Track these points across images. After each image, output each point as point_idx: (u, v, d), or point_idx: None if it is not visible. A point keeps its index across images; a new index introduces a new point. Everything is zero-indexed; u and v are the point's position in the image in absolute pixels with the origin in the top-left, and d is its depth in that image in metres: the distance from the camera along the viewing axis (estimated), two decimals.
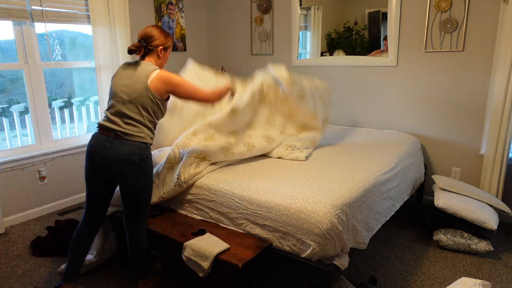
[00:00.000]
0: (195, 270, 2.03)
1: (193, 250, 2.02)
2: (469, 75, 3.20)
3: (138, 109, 2.05)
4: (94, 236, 2.34)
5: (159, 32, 2.15)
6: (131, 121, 2.04)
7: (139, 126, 2.06)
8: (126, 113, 2.04)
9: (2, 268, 2.65)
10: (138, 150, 2.05)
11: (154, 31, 2.14)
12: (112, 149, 2.02)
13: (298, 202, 2.01)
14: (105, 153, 2.03)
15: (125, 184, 2.09)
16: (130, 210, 2.16)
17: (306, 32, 4.07)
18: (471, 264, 2.67)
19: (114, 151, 2.02)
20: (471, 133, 3.28)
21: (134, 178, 2.07)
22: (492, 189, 3.15)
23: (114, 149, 2.02)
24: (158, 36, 2.13)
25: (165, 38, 2.17)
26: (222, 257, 1.94)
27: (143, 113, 2.06)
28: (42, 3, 3.23)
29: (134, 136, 2.04)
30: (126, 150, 2.02)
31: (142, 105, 2.04)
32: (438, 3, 3.19)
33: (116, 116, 2.06)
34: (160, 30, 2.16)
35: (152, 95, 2.04)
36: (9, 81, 3.48)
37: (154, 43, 2.12)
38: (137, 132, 2.05)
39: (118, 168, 2.05)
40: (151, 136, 2.13)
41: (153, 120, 2.12)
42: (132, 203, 2.14)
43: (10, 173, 3.25)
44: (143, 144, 2.07)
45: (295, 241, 2.00)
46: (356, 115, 3.87)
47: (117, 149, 2.02)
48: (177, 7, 4.35)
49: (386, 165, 2.63)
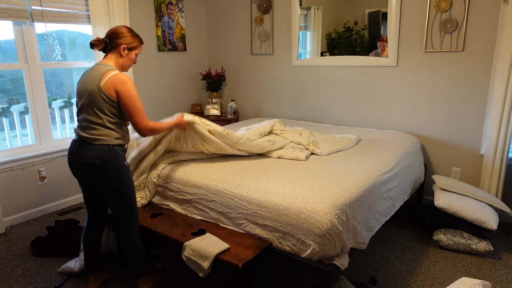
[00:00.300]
0: (195, 270, 2.03)
1: (193, 250, 2.02)
2: (469, 75, 3.20)
3: (95, 111, 2.03)
4: (101, 232, 2.38)
5: (127, 31, 2.14)
6: (92, 125, 2.04)
7: (100, 129, 2.05)
8: (86, 118, 2.05)
9: (2, 268, 2.65)
10: (100, 153, 2.04)
11: (122, 29, 2.13)
12: (79, 154, 2.07)
13: (298, 202, 2.01)
14: (76, 158, 2.08)
15: (100, 187, 2.14)
16: (114, 211, 2.21)
17: (306, 32, 4.07)
18: (471, 264, 2.67)
19: (80, 155, 2.06)
20: (471, 133, 3.28)
21: (104, 181, 2.09)
22: (492, 189, 3.15)
23: (80, 154, 2.06)
24: (124, 35, 2.12)
25: (131, 38, 2.14)
26: (222, 257, 1.94)
27: (101, 115, 2.03)
28: (42, 3, 3.23)
29: (96, 140, 2.05)
30: (88, 154, 2.04)
31: (98, 107, 2.02)
32: (438, 3, 3.19)
33: (80, 121, 2.09)
34: (128, 30, 2.15)
35: (105, 95, 2.00)
36: (9, 81, 3.47)
37: (117, 41, 2.10)
38: (98, 135, 2.05)
39: (86, 172, 2.09)
40: (116, 137, 2.10)
41: (115, 121, 2.08)
42: (113, 204, 2.17)
43: (10, 173, 3.25)
44: (106, 146, 2.06)
45: (295, 241, 2.00)
46: (356, 115, 3.87)
47: (82, 154, 2.06)
48: (177, 7, 4.35)
49: (386, 165, 2.63)
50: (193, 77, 4.73)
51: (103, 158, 2.04)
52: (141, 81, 4.11)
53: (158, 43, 4.20)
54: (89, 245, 2.33)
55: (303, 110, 4.21)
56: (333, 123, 4.01)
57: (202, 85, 4.83)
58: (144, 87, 4.15)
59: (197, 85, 4.81)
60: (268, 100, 4.47)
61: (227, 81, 4.76)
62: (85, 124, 2.05)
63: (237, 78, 4.67)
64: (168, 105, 4.48)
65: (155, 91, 4.30)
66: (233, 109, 4.45)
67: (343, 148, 2.93)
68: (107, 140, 2.06)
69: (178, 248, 2.12)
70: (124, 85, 2.02)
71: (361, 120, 3.85)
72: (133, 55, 2.19)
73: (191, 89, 4.75)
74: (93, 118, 2.04)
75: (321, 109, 4.08)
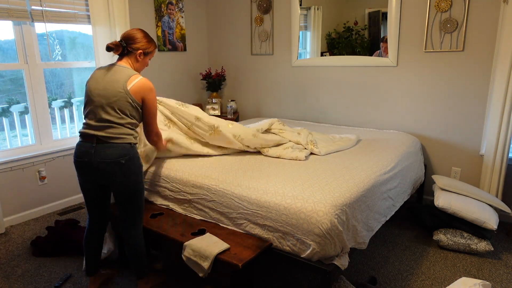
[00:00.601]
0: (195, 270, 2.03)
1: (193, 250, 2.02)
2: (469, 75, 3.20)
3: (117, 112, 2.04)
4: (102, 235, 2.37)
5: (143, 36, 2.14)
6: (112, 124, 2.04)
7: (121, 128, 2.06)
8: (104, 117, 2.03)
9: (2, 268, 2.65)
10: (123, 151, 2.05)
11: (138, 33, 2.14)
12: (98, 154, 2.03)
13: (298, 202, 2.01)
14: (91, 160, 2.04)
15: (116, 186, 2.11)
16: (124, 211, 2.18)
17: (306, 32, 4.07)
18: (471, 264, 2.67)
19: (100, 156, 2.03)
20: (471, 133, 3.28)
21: (124, 179, 2.08)
22: (492, 189, 3.15)
23: (100, 155, 2.03)
24: (140, 40, 2.13)
25: (147, 43, 2.16)
26: (222, 257, 1.94)
27: (122, 115, 2.05)
28: (42, 3, 3.23)
29: (117, 138, 2.04)
30: (111, 153, 2.03)
31: (120, 108, 2.03)
32: (438, 3, 3.19)
33: (96, 122, 2.05)
34: (144, 35, 2.16)
35: (132, 99, 2.04)
36: (9, 81, 3.47)
37: (134, 46, 2.11)
38: (120, 134, 2.05)
39: (106, 172, 2.06)
40: (135, 136, 2.13)
41: (133, 122, 2.11)
42: (125, 203, 2.15)
43: (10, 173, 3.25)
44: (128, 144, 2.07)
45: (295, 241, 2.00)
46: (356, 115, 3.87)
47: (103, 154, 2.03)
48: (177, 7, 4.35)
49: (386, 165, 2.62)
50: (193, 77, 4.73)
51: (128, 156, 2.06)
52: None
53: (158, 43, 4.20)
54: (89, 246, 2.32)
55: (303, 110, 4.21)
56: (333, 123, 4.01)
57: (202, 85, 4.83)
58: None
59: (197, 85, 4.81)
60: (268, 100, 4.47)
61: (227, 81, 4.76)
62: (103, 124, 2.04)
63: (237, 78, 4.67)
64: None
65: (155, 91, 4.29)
66: (233, 109, 4.45)
67: (342, 148, 2.93)
68: (128, 138, 2.08)
69: (178, 248, 2.12)
70: (151, 93, 2.11)
71: (361, 120, 3.85)
72: (147, 60, 2.22)
73: (191, 89, 4.75)
74: (114, 118, 2.04)
75: (321, 109, 4.08)
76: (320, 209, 1.94)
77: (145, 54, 2.17)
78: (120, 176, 2.06)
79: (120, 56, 2.15)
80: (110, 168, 2.04)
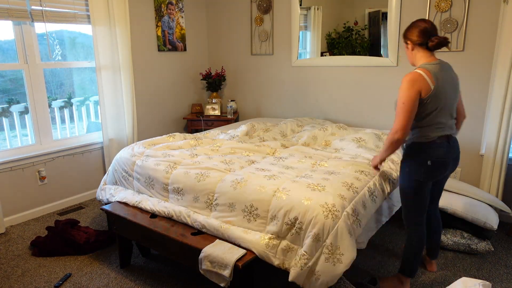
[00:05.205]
0: (215, 281, 1.99)
1: (211, 261, 1.98)
2: (469, 75, 3.20)
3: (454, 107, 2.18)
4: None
5: None
6: (454, 120, 2.19)
7: None
8: (453, 115, 2.16)
9: (2, 268, 2.65)
10: None
11: None
12: (455, 151, 2.18)
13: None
14: (451, 156, 2.16)
15: (443, 180, 2.36)
16: (436, 201, 2.47)
17: (306, 32, 4.07)
18: (471, 264, 2.67)
19: (456, 152, 2.19)
20: (471, 133, 3.28)
21: (451, 170, 2.26)
22: (492, 189, 3.15)
23: (456, 151, 2.18)
24: None
25: None
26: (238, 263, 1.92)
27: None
28: (42, 3, 3.23)
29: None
30: (458, 148, 2.23)
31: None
32: (438, 3, 3.19)
33: (449, 120, 2.14)
34: None
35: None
36: (9, 81, 3.47)
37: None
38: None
39: (451, 167, 2.22)
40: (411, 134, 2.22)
41: None
42: (439, 195, 2.44)
43: (10, 173, 3.25)
44: None
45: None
46: (356, 115, 3.87)
47: (457, 150, 2.19)
48: (177, 7, 4.35)
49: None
50: (193, 77, 4.73)
51: None
52: (141, 81, 4.11)
53: (158, 43, 4.20)
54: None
55: (303, 110, 4.21)
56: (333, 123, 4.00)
57: (202, 85, 4.83)
58: (144, 87, 4.16)
59: (197, 85, 4.81)
60: (268, 100, 4.47)
61: (227, 81, 4.76)
62: (452, 122, 2.14)
63: (237, 78, 4.67)
64: (168, 105, 4.48)
65: (155, 91, 4.30)
66: (233, 109, 4.45)
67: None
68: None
69: (178, 248, 2.12)
70: (400, 85, 2.11)
71: (360, 120, 3.85)
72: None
73: (191, 89, 4.75)
74: (455, 113, 2.16)
75: (321, 109, 4.08)
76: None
77: None
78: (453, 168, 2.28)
79: (432, 51, 2.11)
80: (455, 162, 2.25)
